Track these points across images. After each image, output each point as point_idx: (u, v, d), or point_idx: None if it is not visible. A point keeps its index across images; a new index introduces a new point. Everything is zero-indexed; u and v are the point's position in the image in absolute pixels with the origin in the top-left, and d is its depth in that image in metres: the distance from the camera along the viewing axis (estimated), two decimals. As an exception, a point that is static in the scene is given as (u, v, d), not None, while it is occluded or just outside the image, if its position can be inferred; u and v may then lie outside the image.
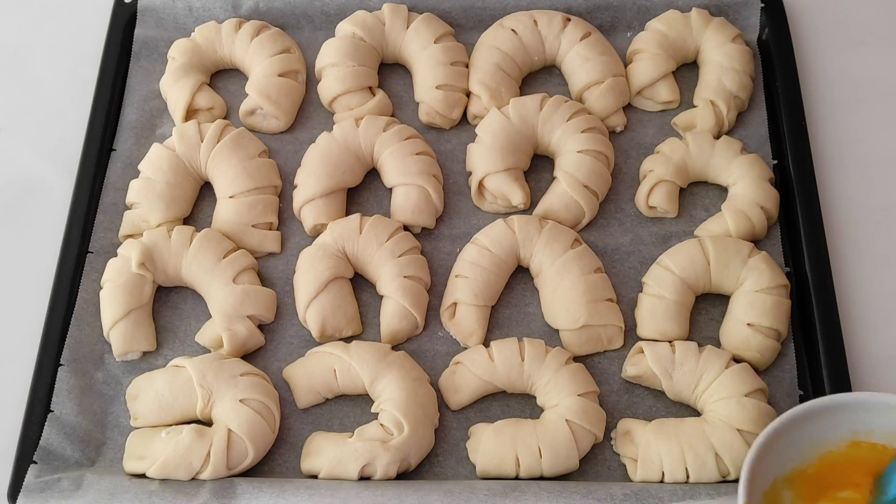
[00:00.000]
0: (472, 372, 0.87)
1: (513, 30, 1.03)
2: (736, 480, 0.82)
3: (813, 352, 0.90)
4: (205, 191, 1.00)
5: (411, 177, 0.95)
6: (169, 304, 0.95)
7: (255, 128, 1.03)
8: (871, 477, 0.75)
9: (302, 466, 0.85)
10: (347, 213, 0.98)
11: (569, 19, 1.04)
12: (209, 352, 0.91)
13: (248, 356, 0.91)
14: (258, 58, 1.03)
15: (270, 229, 0.97)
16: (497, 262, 0.92)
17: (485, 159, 0.96)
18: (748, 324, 0.88)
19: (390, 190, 0.99)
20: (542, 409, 0.87)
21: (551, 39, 1.03)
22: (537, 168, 1.01)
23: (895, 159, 1.03)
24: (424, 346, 0.92)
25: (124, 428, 0.88)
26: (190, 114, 1.02)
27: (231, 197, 0.96)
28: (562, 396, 0.85)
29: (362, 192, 1.00)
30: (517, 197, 0.96)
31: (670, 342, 0.88)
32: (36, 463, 0.84)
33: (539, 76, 1.07)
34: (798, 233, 0.94)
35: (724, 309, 0.93)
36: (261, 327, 0.92)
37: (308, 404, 0.88)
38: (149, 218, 0.95)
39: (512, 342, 0.88)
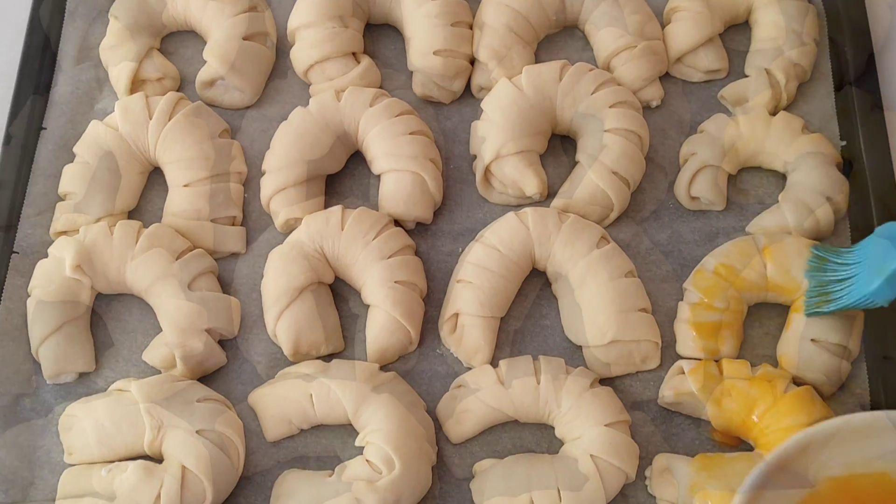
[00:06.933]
0: (477, 397, 0.85)
1: (526, -17, 1.00)
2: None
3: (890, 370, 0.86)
4: (154, 178, 0.98)
5: (403, 161, 0.92)
6: (111, 314, 0.92)
7: (214, 102, 1.00)
8: None
9: (271, 512, 0.84)
10: (327, 205, 0.95)
11: (593, -30, 1.02)
12: (159, 373, 0.89)
13: (207, 378, 0.89)
14: (218, 17, 1.00)
15: (233, 224, 0.95)
16: (507, 265, 0.89)
17: (493, 140, 0.93)
18: (812, 339, 0.85)
19: (378, 177, 0.96)
20: (561, 443, 0.85)
21: (573, -6, 1.02)
22: (556, 150, 0.98)
23: None
24: (419, 367, 0.90)
25: (56, 465, 0.85)
26: (136, 85, 0.99)
27: (186, 186, 0.93)
28: (585, 427, 0.82)
29: (344, 179, 0.97)
30: (531, 185, 0.93)
31: (717, 361, 0.85)
32: (-52, 508, 0.83)
33: (558, 39, 1.03)
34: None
35: (782, 321, 0.90)
36: (221, 343, 0.90)
37: (279, 436, 0.86)
38: (86, 211, 0.92)
39: (525, 361, 0.86)
